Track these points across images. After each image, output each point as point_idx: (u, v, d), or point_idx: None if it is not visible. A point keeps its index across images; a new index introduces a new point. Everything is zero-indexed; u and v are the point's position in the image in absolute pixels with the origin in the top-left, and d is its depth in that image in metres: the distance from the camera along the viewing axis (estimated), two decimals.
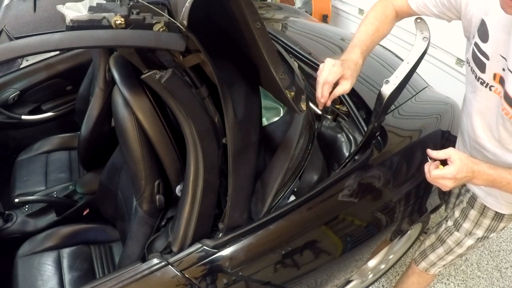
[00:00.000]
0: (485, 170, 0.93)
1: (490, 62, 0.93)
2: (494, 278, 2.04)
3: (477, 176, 0.94)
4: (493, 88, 0.95)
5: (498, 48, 0.90)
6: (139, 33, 0.79)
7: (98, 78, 1.57)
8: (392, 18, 1.14)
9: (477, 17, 0.94)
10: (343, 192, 1.19)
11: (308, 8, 3.49)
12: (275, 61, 0.86)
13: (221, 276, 1.02)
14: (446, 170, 0.91)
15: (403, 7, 1.13)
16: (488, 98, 0.98)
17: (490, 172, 0.93)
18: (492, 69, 0.93)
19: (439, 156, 0.93)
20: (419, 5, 1.09)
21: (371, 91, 1.44)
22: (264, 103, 1.30)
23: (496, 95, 0.95)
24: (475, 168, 0.93)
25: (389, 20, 1.14)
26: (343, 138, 1.30)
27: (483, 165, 0.94)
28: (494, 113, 0.98)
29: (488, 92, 0.97)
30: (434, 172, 0.93)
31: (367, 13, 1.17)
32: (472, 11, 0.95)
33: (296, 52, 1.57)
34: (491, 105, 0.98)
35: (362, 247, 1.29)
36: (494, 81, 0.94)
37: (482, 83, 0.98)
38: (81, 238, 1.53)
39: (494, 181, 0.94)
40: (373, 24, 1.11)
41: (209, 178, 0.99)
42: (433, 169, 0.93)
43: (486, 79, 0.96)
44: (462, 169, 0.91)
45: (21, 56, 0.74)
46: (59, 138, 1.98)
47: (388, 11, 1.14)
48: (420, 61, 1.15)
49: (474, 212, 1.26)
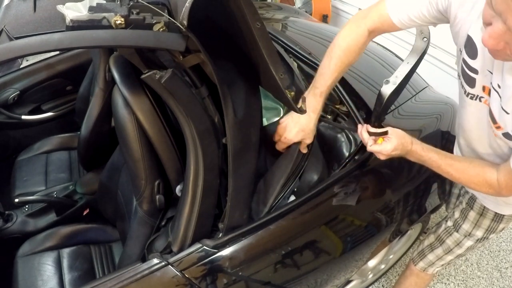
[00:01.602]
0: (417, 151, 1.04)
1: (479, 76, 0.92)
2: (494, 278, 2.04)
3: (410, 154, 1.06)
4: (483, 99, 0.95)
5: (485, 63, 0.89)
6: (139, 33, 0.79)
7: (98, 78, 1.57)
8: (363, 43, 1.08)
9: (464, 31, 0.91)
10: (343, 192, 1.19)
11: (308, 8, 3.49)
12: (275, 61, 0.86)
13: (221, 276, 1.02)
14: (383, 147, 1.03)
15: (383, 24, 1.05)
16: (479, 109, 0.97)
17: (422, 154, 1.04)
18: (482, 83, 0.93)
19: (377, 132, 1.05)
20: (403, 20, 1.01)
21: (371, 91, 1.44)
22: (264, 103, 1.30)
23: (486, 106, 0.94)
24: (409, 148, 1.04)
25: (359, 47, 1.07)
26: (343, 138, 1.30)
27: (417, 146, 1.05)
28: (485, 123, 0.97)
29: (478, 103, 0.96)
30: (373, 147, 1.05)
31: (334, 40, 1.09)
32: (460, 24, 0.93)
33: (296, 52, 1.57)
34: (482, 116, 0.97)
35: (362, 247, 1.29)
36: (484, 93, 0.93)
37: (472, 97, 0.97)
38: (81, 238, 1.53)
39: (425, 162, 1.06)
40: (339, 58, 1.06)
41: (209, 178, 0.99)
42: (372, 143, 1.05)
43: (475, 92, 0.96)
44: (397, 147, 1.02)
45: (21, 56, 0.74)
46: (59, 138, 1.98)
47: (359, 37, 1.07)
48: (420, 61, 1.15)
49: (474, 213, 1.26)
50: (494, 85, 0.88)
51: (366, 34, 1.07)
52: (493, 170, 0.98)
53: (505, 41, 0.70)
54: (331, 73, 1.07)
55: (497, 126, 0.90)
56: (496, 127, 0.91)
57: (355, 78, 1.48)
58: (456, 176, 1.03)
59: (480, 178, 0.99)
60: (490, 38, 0.71)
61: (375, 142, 1.06)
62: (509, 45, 0.71)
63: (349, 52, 1.07)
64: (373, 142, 1.06)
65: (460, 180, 1.04)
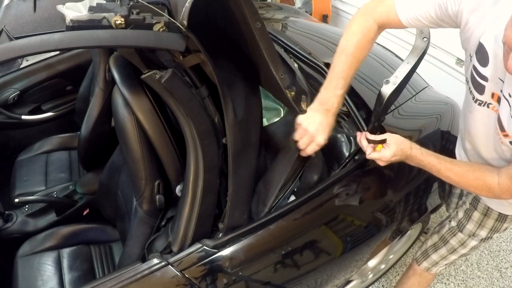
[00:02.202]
0: (417, 156, 1.05)
1: (489, 83, 0.91)
2: (494, 278, 2.04)
3: (410, 159, 1.06)
4: (491, 105, 0.94)
5: (497, 71, 0.88)
6: (139, 33, 0.79)
7: (98, 78, 1.57)
8: (373, 37, 1.06)
9: (476, 38, 0.90)
10: (343, 192, 1.19)
11: (308, 8, 3.49)
12: (275, 61, 0.86)
13: (221, 276, 1.02)
14: (382, 154, 1.04)
15: (390, 20, 1.03)
16: (487, 115, 0.97)
17: (421, 159, 1.05)
18: (491, 89, 0.92)
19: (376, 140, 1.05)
20: (410, 19, 1.00)
21: (371, 91, 1.44)
22: (265, 104, 1.30)
23: (494, 112, 0.94)
24: (409, 153, 1.04)
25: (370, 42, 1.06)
26: (343, 138, 1.30)
27: (416, 151, 1.05)
28: (492, 129, 0.97)
29: (486, 109, 0.96)
30: (372, 155, 1.06)
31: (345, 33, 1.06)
32: (471, 30, 0.91)
33: (296, 52, 1.57)
34: (489, 121, 0.97)
35: (362, 247, 1.29)
36: (493, 99, 0.93)
37: (480, 103, 0.96)
38: (81, 238, 1.53)
39: (424, 166, 1.06)
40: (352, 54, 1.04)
41: (209, 178, 0.99)
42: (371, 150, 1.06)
43: (484, 99, 0.95)
44: (396, 153, 1.03)
45: (21, 56, 0.74)
46: (59, 138, 1.98)
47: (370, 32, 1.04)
48: (420, 61, 1.15)
49: (478, 213, 1.26)
50: (505, 94, 0.87)
51: (375, 29, 1.04)
52: (494, 174, 0.98)
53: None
54: (347, 69, 1.04)
55: (505, 134, 0.90)
56: (504, 135, 0.91)
57: (355, 78, 1.47)
58: (456, 180, 1.03)
59: (480, 182, 0.99)
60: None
61: (374, 149, 1.06)
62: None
63: (361, 48, 1.04)
64: (372, 149, 1.06)
65: (459, 184, 1.05)
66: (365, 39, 1.04)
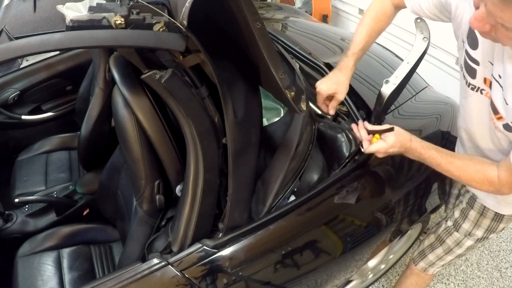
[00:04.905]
0: (417, 148, 1.03)
1: (480, 67, 0.93)
2: (494, 278, 2.04)
3: (409, 152, 1.04)
4: (484, 91, 0.96)
5: (487, 54, 0.90)
6: (139, 33, 0.79)
7: (98, 78, 1.57)
8: (390, 14, 1.20)
9: (466, 22, 0.94)
10: (343, 192, 1.19)
11: (308, 8, 3.49)
12: (275, 61, 0.86)
13: (221, 276, 1.02)
14: (379, 145, 1.02)
15: (400, 3, 1.17)
16: (480, 101, 0.98)
17: (422, 152, 1.03)
18: (482, 74, 0.94)
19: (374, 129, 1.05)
20: (414, 6, 1.12)
21: (371, 91, 1.44)
22: (264, 103, 1.30)
23: (487, 99, 0.95)
24: (408, 145, 1.03)
25: (386, 16, 1.21)
26: (343, 138, 1.30)
27: (416, 143, 1.03)
28: (487, 115, 0.98)
29: (479, 95, 0.97)
30: (370, 148, 1.04)
31: (365, 12, 1.23)
32: (461, 15, 0.96)
33: (296, 52, 1.57)
34: (483, 107, 0.98)
35: (362, 247, 1.29)
36: (485, 85, 0.94)
37: (473, 88, 0.98)
38: (81, 238, 1.53)
39: (425, 160, 1.04)
40: (369, 25, 1.20)
41: (209, 178, 0.99)
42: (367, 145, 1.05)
43: (477, 84, 0.97)
44: (395, 144, 1.01)
45: (21, 56, 0.74)
46: (59, 138, 1.98)
47: (386, 8, 1.20)
48: (420, 61, 1.15)
49: (474, 212, 1.26)
50: (495, 76, 0.89)
51: (392, 7, 1.20)
52: (494, 167, 0.98)
53: (490, 24, 0.73)
54: (362, 38, 1.18)
55: (498, 116, 0.90)
56: (497, 118, 0.91)
57: (355, 78, 1.48)
58: (457, 174, 1.02)
59: (481, 175, 0.99)
60: (475, 21, 0.75)
61: (370, 143, 1.05)
62: (494, 28, 0.74)
63: (378, 20, 1.20)
64: (368, 144, 1.05)
65: (460, 178, 1.03)
66: (380, 12, 1.20)
